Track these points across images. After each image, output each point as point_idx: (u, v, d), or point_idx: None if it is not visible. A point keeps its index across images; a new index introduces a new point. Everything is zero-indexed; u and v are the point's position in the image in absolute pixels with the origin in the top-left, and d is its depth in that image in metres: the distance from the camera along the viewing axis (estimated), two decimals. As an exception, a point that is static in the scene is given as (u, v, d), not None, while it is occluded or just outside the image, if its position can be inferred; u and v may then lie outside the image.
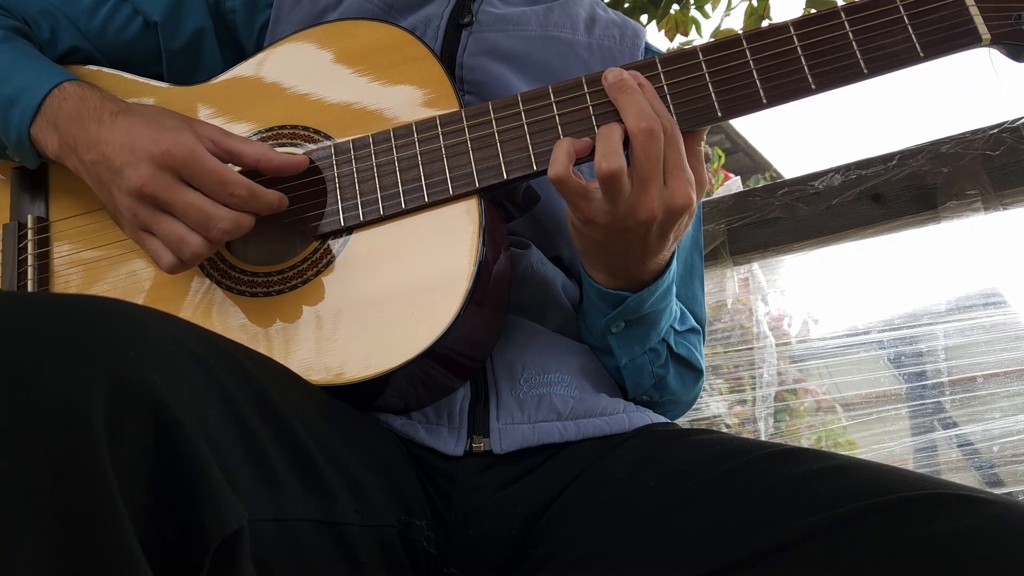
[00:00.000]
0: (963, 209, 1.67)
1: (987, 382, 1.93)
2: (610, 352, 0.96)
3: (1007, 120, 1.63)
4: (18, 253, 0.95)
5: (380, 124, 0.90)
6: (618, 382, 0.99)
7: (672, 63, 0.86)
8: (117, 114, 0.86)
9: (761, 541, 0.67)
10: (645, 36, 1.13)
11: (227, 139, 0.85)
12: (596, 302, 0.92)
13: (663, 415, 1.01)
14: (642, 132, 0.80)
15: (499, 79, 0.99)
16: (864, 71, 0.83)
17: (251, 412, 0.64)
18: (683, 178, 0.81)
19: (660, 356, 0.98)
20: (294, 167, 0.86)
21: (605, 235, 0.84)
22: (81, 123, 0.87)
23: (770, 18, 3.12)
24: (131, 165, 0.82)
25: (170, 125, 0.84)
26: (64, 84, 0.91)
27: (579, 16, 1.09)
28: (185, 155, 0.81)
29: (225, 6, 1.05)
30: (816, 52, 0.83)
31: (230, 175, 0.82)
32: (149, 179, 0.81)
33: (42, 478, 0.47)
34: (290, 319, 0.86)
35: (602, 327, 0.93)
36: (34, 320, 0.52)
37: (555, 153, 0.82)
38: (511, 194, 0.91)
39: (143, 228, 0.84)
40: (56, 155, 0.90)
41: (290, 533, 0.66)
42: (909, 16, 0.83)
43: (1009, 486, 1.92)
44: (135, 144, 0.82)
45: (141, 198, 0.82)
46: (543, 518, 0.86)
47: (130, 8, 1.05)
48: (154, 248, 0.84)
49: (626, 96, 0.82)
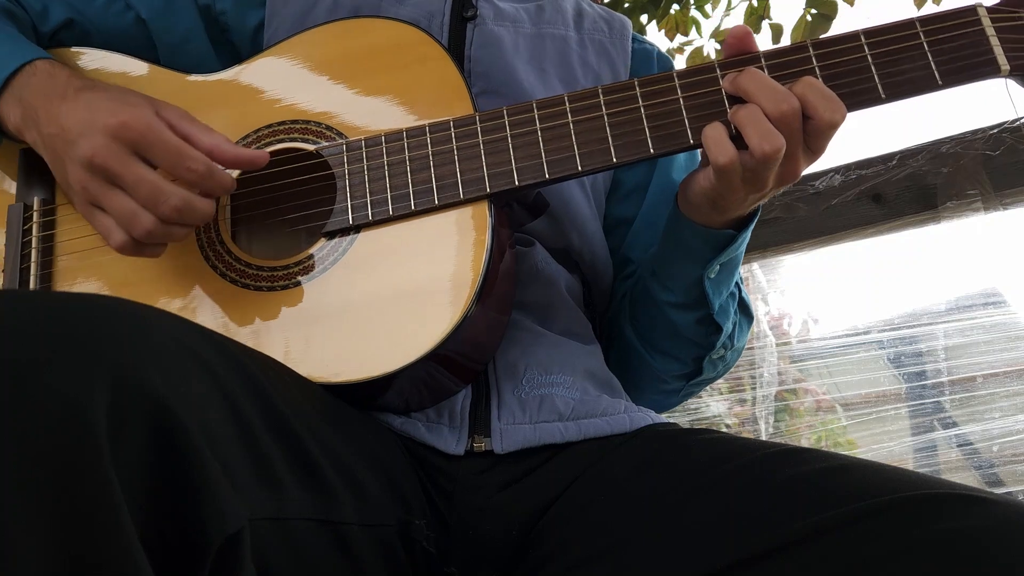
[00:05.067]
0: (963, 209, 1.67)
1: (987, 382, 1.93)
2: (698, 303, 0.96)
3: (1007, 120, 1.63)
4: (22, 235, 0.95)
5: (393, 124, 0.90)
6: (694, 339, 1.00)
7: (688, 76, 0.86)
8: (81, 89, 0.85)
9: (766, 539, 0.67)
10: (631, 28, 1.15)
11: (185, 123, 0.83)
12: (700, 250, 0.92)
13: (717, 375, 1.04)
14: (784, 113, 0.80)
15: (505, 69, 1.00)
16: (882, 96, 0.83)
17: (252, 412, 0.64)
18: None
19: (735, 299, 1.00)
20: (248, 162, 0.84)
21: (737, 196, 0.85)
22: (46, 97, 0.86)
23: (770, 18, 3.12)
24: (85, 136, 0.80)
25: (132, 101, 0.83)
26: (36, 61, 0.89)
27: (567, 12, 1.10)
28: (143, 127, 0.79)
29: (216, 8, 1.05)
30: (834, 74, 0.83)
31: (188, 149, 0.80)
32: (100, 149, 0.79)
33: (43, 478, 0.47)
34: (293, 315, 0.85)
35: (697, 277, 0.93)
36: (35, 320, 0.52)
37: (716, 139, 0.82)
38: (521, 199, 0.91)
39: (93, 203, 0.82)
40: (16, 128, 0.89)
41: (290, 532, 0.66)
42: (929, 43, 0.83)
43: (1009, 486, 1.92)
44: (94, 117, 0.81)
45: (92, 169, 0.80)
46: (544, 518, 0.86)
47: (123, 1, 1.05)
48: (105, 225, 0.82)
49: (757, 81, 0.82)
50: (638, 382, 1.09)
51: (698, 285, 0.94)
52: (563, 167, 0.85)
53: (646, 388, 1.10)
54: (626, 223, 1.10)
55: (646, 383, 1.10)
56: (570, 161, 0.85)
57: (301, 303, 0.86)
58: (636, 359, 1.07)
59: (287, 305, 0.86)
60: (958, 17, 0.84)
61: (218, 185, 0.82)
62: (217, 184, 0.82)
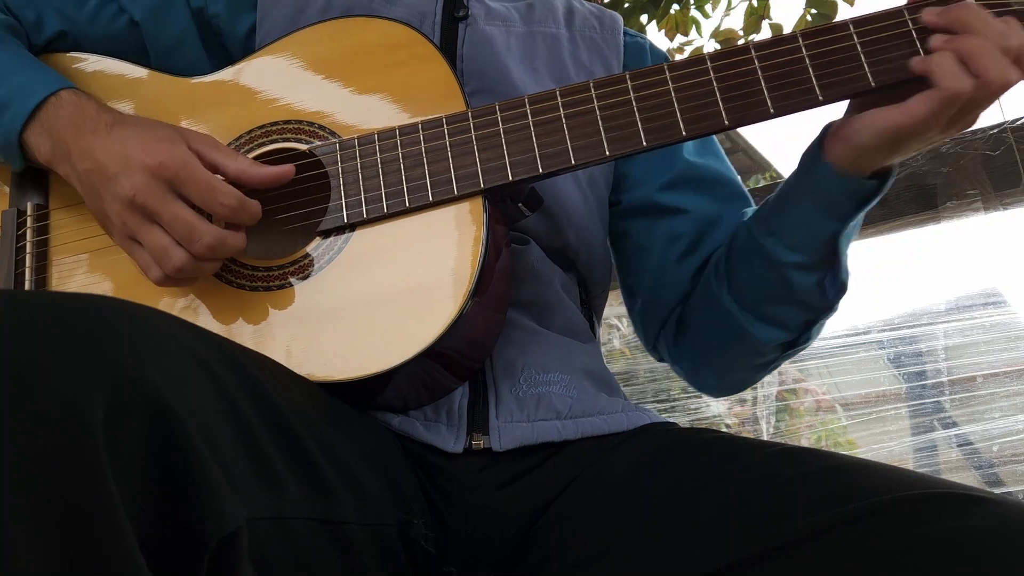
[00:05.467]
0: (963, 209, 1.67)
1: (987, 382, 1.94)
2: (825, 262, 0.91)
3: (1007, 120, 1.62)
4: (16, 240, 0.95)
5: (386, 122, 0.90)
6: (809, 302, 0.94)
7: (679, 68, 0.86)
8: (112, 125, 0.87)
9: (767, 538, 0.67)
10: (622, 23, 1.15)
11: (212, 151, 0.86)
12: (845, 204, 0.88)
13: (812, 340, 0.99)
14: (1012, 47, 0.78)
15: (498, 68, 1.00)
16: (872, 84, 0.83)
17: (250, 411, 0.64)
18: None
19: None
20: (276, 179, 0.86)
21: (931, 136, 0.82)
22: (76, 131, 0.88)
23: (770, 18, 3.12)
24: (125, 174, 0.83)
25: (163, 136, 0.85)
26: (61, 92, 0.91)
27: (558, 10, 1.11)
28: (179, 166, 0.82)
29: (209, 11, 1.05)
30: (823, 63, 0.83)
31: (221, 185, 0.83)
32: (142, 188, 0.82)
33: (41, 478, 0.47)
34: (289, 315, 0.85)
35: (828, 235, 0.90)
36: (35, 320, 0.52)
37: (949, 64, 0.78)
38: (515, 195, 0.91)
39: (131, 237, 0.85)
40: (47, 160, 0.91)
41: (289, 532, 0.66)
42: (918, 31, 0.83)
43: (1009, 486, 1.92)
44: (130, 154, 0.83)
45: (132, 207, 0.83)
46: (543, 517, 0.86)
47: (116, 5, 1.05)
48: (144, 260, 0.85)
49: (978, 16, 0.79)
50: (733, 355, 1.03)
51: (831, 243, 0.90)
52: (556, 160, 0.85)
53: (739, 362, 1.05)
54: (675, 210, 1.08)
55: (741, 356, 1.03)
56: (563, 154, 0.85)
57: (297, 302, 0.86)
58: (734, 329, 0.99)
59: (283, 305, 0.86)
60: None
61: (249, 217, 0.84)
62: (248, 216, 0.84)
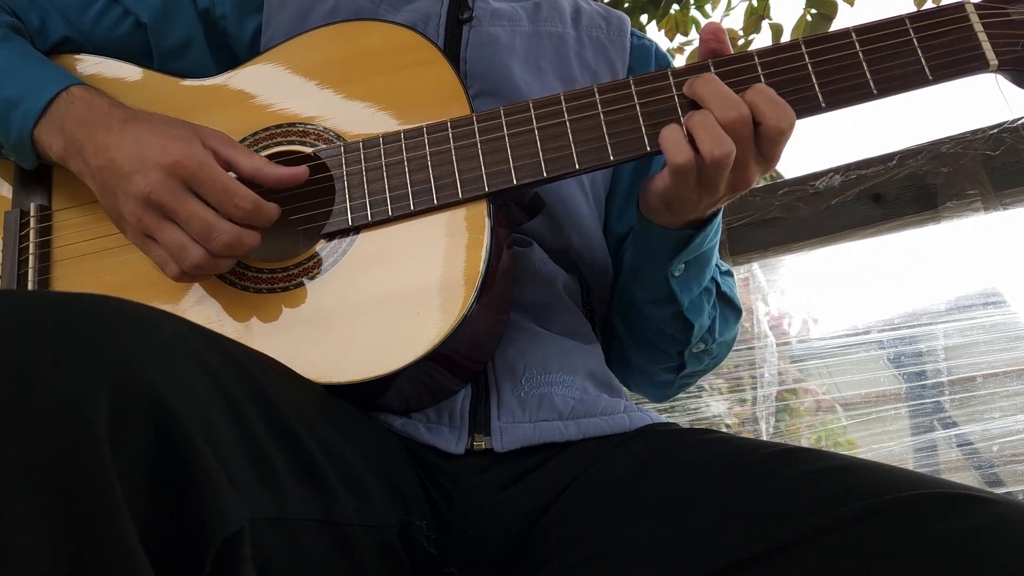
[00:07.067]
0: (963, 209, 1.67)
1: (987, 382, 1.93)
2: (668, 300, 0.97)
3: (1007, 120, 1.63)
4: (19, 241, 0.95)
5: (390, 126, 0.90)
6: (673, 335, 1.01)
7: (683, 74, 0.86)
8: (125, 121, 0.87)
9: (767, 539, 0.67)
10: (629, 24, 1.15)
11: (227, 149, 0.86)
12: (660, 249, 0.93)
13: (706, 367, 1.06)
14: (734, 120, 0.81)
15: (502, 70, 1.00)
16: (874, 91, 0.83)
17: (253, 412, 0.64)
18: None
19: (711, 295, 1.01)
20: (291, 180, 0.86)
21: (691, 199, 0.86)
22: (88, 128, 0.88)
23: (770, 18, 3.12)
24: (140, 172, 0.83)
25: (178, 134, 0.85)
26: (71, 88, 0.91)
27: (565, 10, 1.11)
28: (195, 165, 0.82)
29: (215, 12, 1.05)
30: (826, 71, 0.84)
31: (237, 187, 0.82)
32: (158, 186, 0.82)
33: (44, 478, 0.47)
34: (293, 317, 0.86)
35: (663, 275, 0.95)
36: (37, 320, 0.52)
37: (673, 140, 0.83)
38: (518, 199, 0.91)
39: (146, 234, 0.85)
40: (60, 157, 0.91)
41: (290, 533, 0.66)
42: (919, 39, 0.84)
43: (1009, 486, 1.92)
44: (144, 152, 0.83)
45: (148, 204, 0.83)
46: (544, 518, 0.86)
47: (121, 8, 1.05)
48: (161, 256, 0.85)
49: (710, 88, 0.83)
50: (632, 374, 1.13)
51: (665, 283, 0.95)
52: (561, 165, 0.86)
53: (641, 380, 1.14)
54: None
55: (639, 375, 1.13)
56: (567, 159, 0.86)
57: (301, 305, 0.86)
58: (627, 351, 1.09)
59: (287, 307, 0.86)
60: (947, 13, 0.85)
61: (264, 219, 0.84)
62: (264, 218, 0.84)
